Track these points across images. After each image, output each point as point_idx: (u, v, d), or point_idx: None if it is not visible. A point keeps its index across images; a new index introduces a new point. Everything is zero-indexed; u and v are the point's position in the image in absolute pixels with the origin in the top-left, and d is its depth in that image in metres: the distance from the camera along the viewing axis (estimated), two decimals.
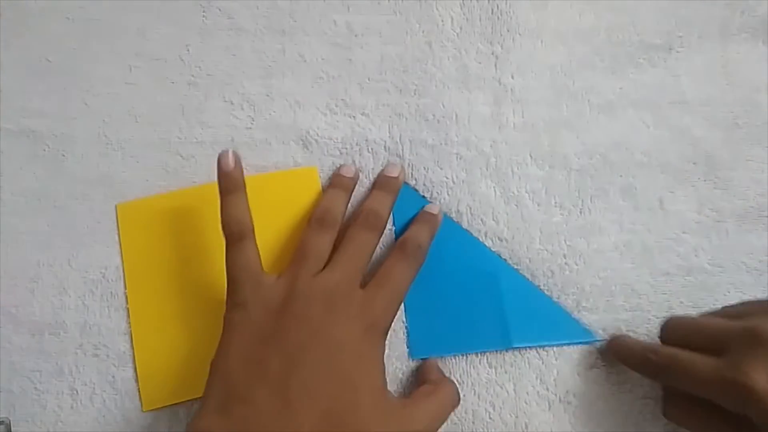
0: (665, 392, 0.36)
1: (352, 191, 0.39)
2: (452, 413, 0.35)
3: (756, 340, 0.30)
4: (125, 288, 0.38)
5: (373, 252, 0.35)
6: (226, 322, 0.33)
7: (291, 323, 0.31)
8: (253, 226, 0.35)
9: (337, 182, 0.39)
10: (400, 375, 0.37)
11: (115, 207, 0.39)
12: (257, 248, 0.34)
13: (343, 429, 0.29)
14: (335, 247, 0.35)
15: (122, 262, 0.38)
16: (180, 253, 0.38)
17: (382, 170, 0.40)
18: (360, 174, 0.40)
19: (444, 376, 0.36)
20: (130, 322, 0.37)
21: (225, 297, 0.34)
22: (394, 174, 0.39)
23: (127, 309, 0.38)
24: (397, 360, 0.37)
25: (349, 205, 0.39)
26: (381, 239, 0.37)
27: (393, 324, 0.35)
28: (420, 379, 0.36)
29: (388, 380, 0.33)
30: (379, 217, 0.36)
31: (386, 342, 0.33)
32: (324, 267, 0.34)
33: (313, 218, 0.36)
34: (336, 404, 0.30)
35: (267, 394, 0.29)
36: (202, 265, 0.38)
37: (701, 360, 0.31)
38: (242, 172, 0.36)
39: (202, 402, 0.31)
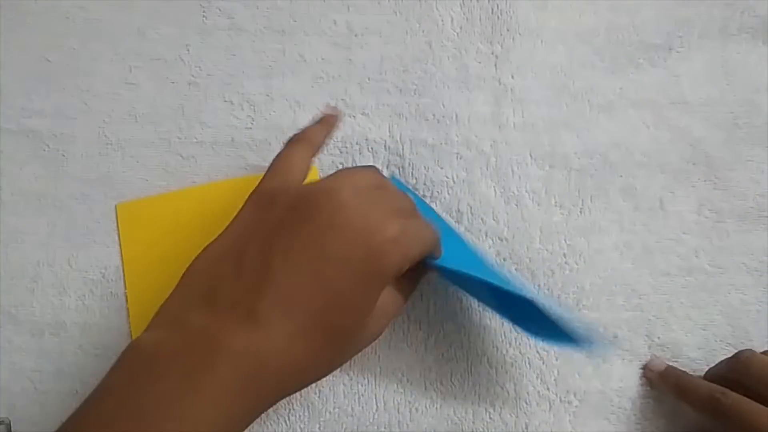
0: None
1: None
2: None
3: None
4: (125, 288, 0.38)
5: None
6: (239, 213, 0.30)
7: (286, 220, 0.28)
8: (317, 142, 0.34)
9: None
10: (414, 363, 0.37)
11: (115, 207, 0.39)
12: (308, 159, 0.33)
13: (328, 354, 0.27)
14: None
15: (122, 261, 0.38)
16: (180, 253, 0.38)
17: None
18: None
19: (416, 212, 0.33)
20: (130, 323, 0.37)
21: None
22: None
23: (128, 309, 0.38)
24: (409, 348, 0.37)
25: None
26: None
27: (406, 316, 0.36)
28: None
29: (402, 373, 0.33)
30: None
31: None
32: None
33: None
34: (316, 328, 0.27)
35: (232, 303, 0.26)
36: None
37: (763, 410, 0.31)
38: (325, 135, 0.36)
39: (153, 316, 0.28)
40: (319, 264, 0.27)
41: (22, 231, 0.39)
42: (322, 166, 0.40)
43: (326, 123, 0.36)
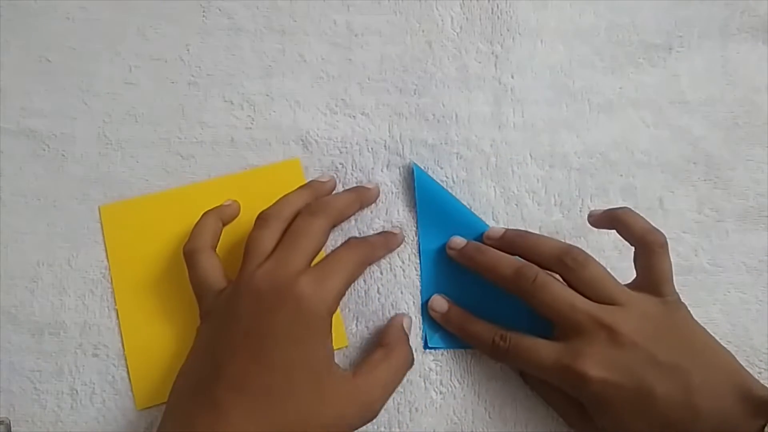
0: None
1: (319, 194, 0.38)
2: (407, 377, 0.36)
3: (610, 336, 0.31)
4: (112, 289, 0.38)
5: (320, 237, 0.34)
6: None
7: (224, 323, 0.32)
8: (215, 244, 0.36)
9: (305, 185, 0.38)
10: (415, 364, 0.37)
11: (98, 209, 0.39)
12: (215, 258, 0.35)
13: (282, 418, 0.29)
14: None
15: (108, 263, 0.38)
16: (165, 252, 0.38)
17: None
18: (335, 183, 0.39)
19: (402, 337, 0.35)
20: (119, 324, 0.38)
21: None
22: (369, 186, 0.39)
23: (116, 310, 0.38)
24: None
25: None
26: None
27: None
28: (379, 339, 0.36)
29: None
30: (325, 204, 0.35)
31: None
32: None
33: (258, 216, 0.35)
34: (268, 396, 0.29)
35: (195, 404, 0.30)
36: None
37: (544, 347, 0.33)
38: (232, 211, 0.38)
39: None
40: (255, 344, 0.30)
41: (22, 231, 0.39)
42: (323, 166, 0.40)
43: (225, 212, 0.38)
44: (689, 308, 0.34)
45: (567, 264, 0.33)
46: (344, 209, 0.36)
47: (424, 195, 0.39)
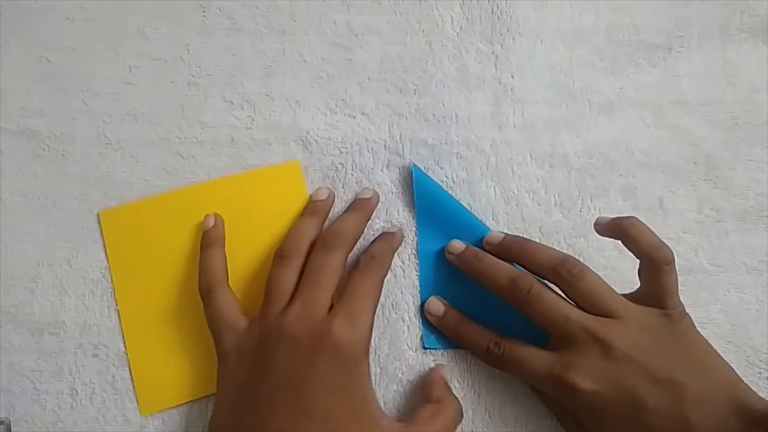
0: None
1: (327, 214, 0.38)
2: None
3: (602, 349, 0.31)
4: (114, 293, 0.38)
5: (340, 270, 0.35)
6: (218, 376, 0.34)
7: (260, 371, 0.32)
8: (226, 276, 0.36)
9: (308, 209, 0.38)
10: (415, 365, 0.37)
11: (98, 214, 0.39)
12: (230, 295, 0.35)
13: None
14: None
15: (109, 269, 0.38)
16: (166, 256, 0.38)
17: (358, 194, 0.39)
18: (335, 195, 0.39)
19: (448, 391, 0.36)
20: (122, 327, 0.38)
21: None
22: (367, 196, 0.39)
23: (117, 311, 0.38)
24: (411, 350, 0.37)
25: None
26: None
27: (407, 318, 0.36)
28: (424, 395, 0.36)
29: (402, 374, 0.33)
30: (338, 235, 0.36)
31: (387, 345, 0.33)
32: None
33: (276, 253, 0.36)
34: None
35: None
36: (188, 267, 0.38)
37: (537, 356, 0.33)
38: (222, 229, 0.37)
39: None
40: (297, 394, 0.30)
41: (22, 231, 0.39)
42: (323, 166, 0.40)
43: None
44: (689, 308, 0.34)
45: (562, 275, 0.33)
46: (356, 234, 0.37)
47: (422, 196, 0.39)
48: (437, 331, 0.37)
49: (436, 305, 0.37)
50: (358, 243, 0.37)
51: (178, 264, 0.38)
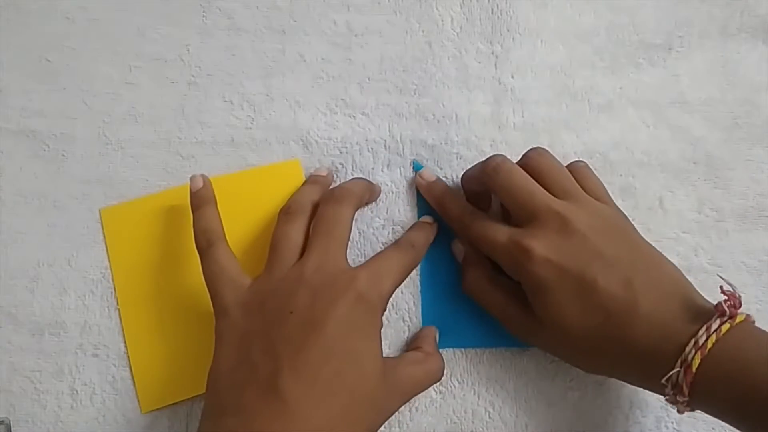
0: (463, 268, 0.37)
1: (327, 187, 0.39)
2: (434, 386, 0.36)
3: (562, 226, 0.32)
4: (115, 292, 0.38)
5: (350, 224, 0.35)
6: (215, 332, 0.33)
7: (274, 318, 0.31)
8: (223, 232, 0.35)
9: (310, 179, 0.39)
10: None
11: (99, 211, 0.39)
12: (230, 252, 0.35)
13: (355, 407, 0.29)
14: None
15: (110, 267, 0.38)
16: (167, 253, 0.38)
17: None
18: (334, 175, 0.40)
19: (436, 349, 0.36)
20: (122, 326, 0.38)
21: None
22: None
23: (118, 309, 0.38)
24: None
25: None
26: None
27: (407, 318, 0.37)
28: (414, 344, 0.36)
29: None
30: (346, 190, 0.36)
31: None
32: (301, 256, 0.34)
33: (281, 211, 0.36)
34: (335, 382, 0.29)
35: (257, 399, 0.29)
36: (190, 264, 0.38)
37: (500, 228, 0.34)
38: (211, 189, 0.37)
39: (199, 424, 0.31)
40: (316, 333, 0.30)
41: (22, 231, 0.39)
42: (322, 166, 0.40)
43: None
44: None
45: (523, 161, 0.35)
46: (362, 195, 0.37)
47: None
48: (436, 332, 0.37)
49: (429, 173, 0.39)
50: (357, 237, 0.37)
51: (180, 261, 0.38)
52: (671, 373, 0.29)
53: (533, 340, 0.34)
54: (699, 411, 0.30)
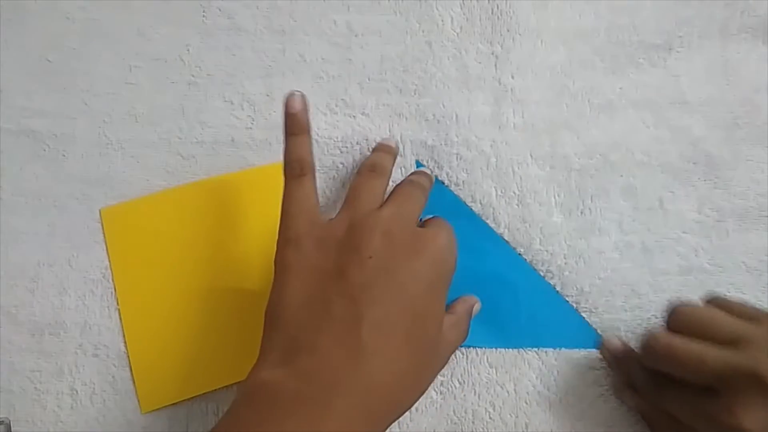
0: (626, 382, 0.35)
1: (396, 158, 0.38)
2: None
3: (756, 382, 0.29)
4: (115, 292, 0.38)
5: (422, 202, 0.35)
6: (278, 262, 0.31)
7: (351, 260, 0.30)
8: (314, 167, 0.34)
9: (381, 148, 0.38)
10: None
11: (99, 211, 0.39)
12: (316, 189, 0.34)
13: (420, 366, 0.30)
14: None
15: (110, 266, 0.38)
16: (167, 253, 0.38)
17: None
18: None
19: (469, 314, 0.35)
20: (122, 326, 0.38)
21: (262, 252, 0.34)
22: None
23: (118, 309, 0.38)
24: None
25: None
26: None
27: None
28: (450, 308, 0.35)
29: None
30: (422, 174, 0.37)
31: None
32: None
33: (364, 167, 0.35)
34: (414, 341, 0.29)
35: (334, 341, 0.28)
36: (191, 264, 0.38)
37: (693, 397, 0.31)
38: (308, 114, 0.34)
39: (260, 354, 0.29)
40: (396, 286, 0.29)
41: (22, 231, 0.39)
42: (323, 166, 0.40)
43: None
44: None
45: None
46: (428, 190, 0.37)
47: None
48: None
49: (615, 340, 0.36)
50: None
51: (180, 260, 0.38)
52: None
53: None
54: None
